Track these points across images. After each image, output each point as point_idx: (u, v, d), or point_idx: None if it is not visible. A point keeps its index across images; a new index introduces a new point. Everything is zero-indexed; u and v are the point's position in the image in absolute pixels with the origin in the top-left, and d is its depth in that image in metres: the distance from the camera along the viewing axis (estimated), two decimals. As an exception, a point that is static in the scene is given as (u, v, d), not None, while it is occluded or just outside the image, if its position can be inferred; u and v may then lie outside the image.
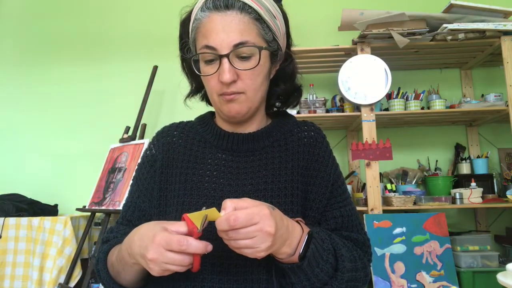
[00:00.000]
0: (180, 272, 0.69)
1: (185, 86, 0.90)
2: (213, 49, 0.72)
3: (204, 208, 0.61)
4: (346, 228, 0.79)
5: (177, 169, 0.80)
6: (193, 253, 0.61)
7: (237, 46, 0.71)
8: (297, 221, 0.70)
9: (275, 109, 0.90)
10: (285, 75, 0.84)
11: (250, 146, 0.81)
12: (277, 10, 0.78)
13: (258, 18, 0.73)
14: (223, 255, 0.71)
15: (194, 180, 0.78)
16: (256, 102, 0.78)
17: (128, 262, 0.69)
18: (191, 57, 0.77)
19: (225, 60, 0.71)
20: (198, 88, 0.87)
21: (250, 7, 0.72)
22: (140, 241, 0.64)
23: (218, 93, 0.75)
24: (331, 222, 0.78)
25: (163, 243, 0.60)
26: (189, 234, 0.61)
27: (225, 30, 0.71)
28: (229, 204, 0.60)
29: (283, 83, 0.85)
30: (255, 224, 0.58)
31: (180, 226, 0.61)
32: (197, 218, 0.61)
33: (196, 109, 0.96)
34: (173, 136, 0.85)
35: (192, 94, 0.88)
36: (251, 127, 0.83)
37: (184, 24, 0.81)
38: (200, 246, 0.60)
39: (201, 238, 0.62)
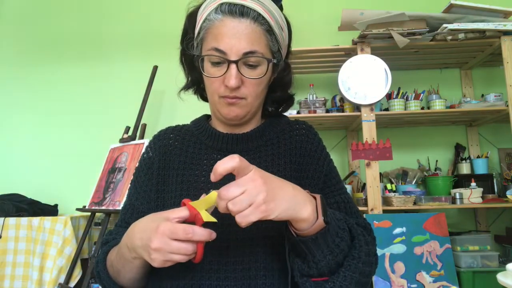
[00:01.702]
0: (180, 271, 0.69)
1: (180, 84, 0.91)
2: (222, 53, 0.73)
3: (204, 195, 0.62)
4: (344, 214, 0.78)
5: (174, 171, 0.82)
6: (197, 242, 0.61)
7: (247, 54, 0.73)
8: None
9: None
10: (282, 83, 0.87)
11: (244, 146, 0.82)
12: (284, 22, 0.80)
13: (269, 30, 0.75)
14: (222, 253, 0.72)
15: (191, 181, 0.79)
16: (254, 107, 0.80)
17: (128, 257, 0.69)
18: (198, 56, 0.78)
19: (233, 66, 0.73)
20: (193, 82, 0.88)
21: (263, 18, 0.74)
22: (141, 234, 0.64)
23: (220, 95, 0.76)
24: None
25: (168, 233, 0.60)
26: (193, 221, 0.62)
27: (237, 36, 0.72)
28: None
29: (280, 90, 0.87)
30: (245, 175, 0.59)
31: (180, 212, 0.62)
32: (199, 206, 0.62)
33: (189, 101, 0.96)
34: (169, 139, 0.87)
35: (187, 87, 0.89)
36: (246, 129, 0.85)
37: (191, 18, 0.81)
38: (205, 234, 0.61)
39: (204, 226, 0.63)
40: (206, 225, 0.63)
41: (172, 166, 0.82)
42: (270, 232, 0.74)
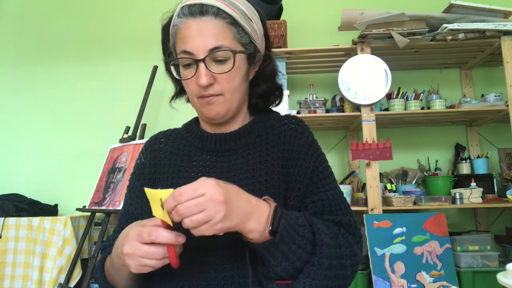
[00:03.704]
0: (169, 273, 0.69)
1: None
2: (190, 54, 0.74)
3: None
4: (328, 212, 0.77)
5: (164, 174, 0.82)
6: (166, 245, 0.61)
7: (213, 50, 0.73)
8: (264, 199, 0.69)
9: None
10: (264, 75, 0.86)
11: (233, 145, 0.82)
12: (253, 13, 0.80)
13: (233, 23, 0.75)
14: (210, 253, 0.72)
15: (180, 183, 0.79)
16: (235, 103, 0.80)
17: (117, 264, 0.71)
18: (171, 62, 0.80)
19: (201, 64, 0.74)
20: (182, 90, 0.89)
21: (224, 12, 0.74)
22: (121, 240, 0.67)
23: (197, 96, 0.77)
24: (310, 207, 0.77)
25: (136, 236, 0.62)
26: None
27: (200, 35, 0.73)
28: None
29: (263, 83, 0.86)
30: (202, 195, 0.58)
31: (156, 220, 0.63)
32: (154, 196, 0.61)
33: (188, 109, 0.96)
34: (160, 143, 0.88)
35: (176, 96, 0.90)
36: (234, 127, 0.85)
37: (165, 29, 0.83)
38: (170, 236, 0.61)
39: (180, 232, 0.62)
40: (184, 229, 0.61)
41: (162, 170, 0.83)
42: None
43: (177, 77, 0.79)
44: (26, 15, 2.79)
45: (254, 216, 0.64)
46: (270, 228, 0.65)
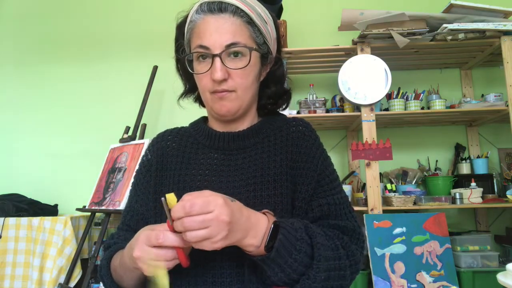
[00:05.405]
0: (175, 269, 0.69)
1: (180, 86, 0.92)
2: (206, 48, 0.75)
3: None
4: (334, 216, 0.78)
5: (171, 171, 0.83)
6: (175, 247, 0.62)
7: (229, 46, 0.75)
8: (264, 213, 0.70)
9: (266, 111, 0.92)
10: (274, 77, 0.87)
11: (240, 144, 0.83)
12: (268, 16, 0.82)
13: (250, 22, 0.77)
14: (217, 251, 0.72)
15: (187, 180, 0.80)
16: (246, 101, 0.81)
17: (129, 266, 0.71)
18: (186, 56, 0.80)
19: (217, 59, 0.75)
20: (191, 89, 0.89)
21: (242, 11, 0.76)
22: (133, 244, 0.67)
23: (210, 91, 0.78)
24: (316, 211, 0.78)
25: (145, 240, 0.63)
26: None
27: (218, 31, 0.75)
28: (187, 196, 0.61)
29: (273, 85, 0.88)
30: (210, 212, 0.59)
31: (166, 225, 0.64)
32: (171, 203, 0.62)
33: (189, 109, 0.97)
34: (167, 141, 0.89)
35: (185, 94, 0.91)
36: (242, 127, 0.85)
37: (180, 27, 0.84)
38: (177, 239, 0.61)
39: None
40: None
41: (169, 167, 0.83)
42: None
43: (191, 71, 0.80)
44: (26, 15, 2.79)
45: (252, 231, 0.65)
46: (266, 246, 0.66)
